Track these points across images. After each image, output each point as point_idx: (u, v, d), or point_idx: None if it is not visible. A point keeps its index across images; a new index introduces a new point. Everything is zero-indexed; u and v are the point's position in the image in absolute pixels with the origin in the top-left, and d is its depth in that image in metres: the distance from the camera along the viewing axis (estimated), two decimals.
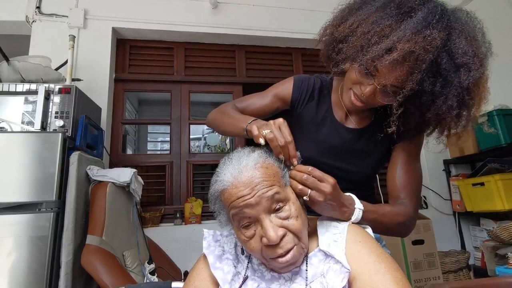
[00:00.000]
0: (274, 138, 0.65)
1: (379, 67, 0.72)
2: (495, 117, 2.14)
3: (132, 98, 4.25)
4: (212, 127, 1.01)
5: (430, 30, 0.68)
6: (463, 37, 0.71)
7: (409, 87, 0.70)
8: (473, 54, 0.70)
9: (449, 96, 0.71)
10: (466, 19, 0.75)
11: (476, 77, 0.71)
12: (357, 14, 0.79)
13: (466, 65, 0.70)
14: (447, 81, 0.71)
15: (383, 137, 0.83)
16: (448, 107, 0.72)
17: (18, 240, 1.33)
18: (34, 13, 2.25)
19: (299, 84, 0.97)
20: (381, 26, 0.72)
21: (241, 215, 0.61)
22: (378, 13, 0.74)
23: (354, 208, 0.70)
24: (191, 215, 2.21)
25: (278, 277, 0.65)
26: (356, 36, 0.75)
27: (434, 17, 0.70)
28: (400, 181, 0.85)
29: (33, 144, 1.43)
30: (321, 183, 0.65)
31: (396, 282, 0.57)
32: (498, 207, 2.07)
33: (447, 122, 0.76)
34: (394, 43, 0.69)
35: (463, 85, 0.70)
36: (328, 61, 0.90)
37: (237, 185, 0.61)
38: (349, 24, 0.79)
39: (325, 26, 0.89)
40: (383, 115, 0.85)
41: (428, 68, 0.70)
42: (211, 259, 0.69)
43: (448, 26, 0.71)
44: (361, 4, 0.80)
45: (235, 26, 2.58)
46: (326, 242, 0.65)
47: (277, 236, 0.58)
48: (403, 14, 0.71)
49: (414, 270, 2.00)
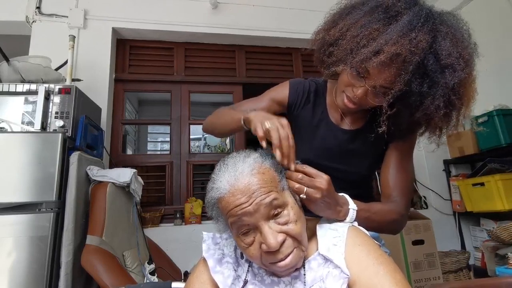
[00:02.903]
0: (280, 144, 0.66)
1: (369, 69, 0.75)
2: (495, 117, 2.14)
3: (132, 98, 4.25)
4: (209, 131, 1.03)
5: (416, 32, 0.71)
6: (448, 39, 0.73)
7: (398, 88, 0.73)
8: (458, 55, 0.72)
9: (436, 96, 0.74)
10: (452, 22, 0.77)
11: (462, 77, 0.73)
12: (347, 18, 0.81)
13: (451, 66, 0.72)
14: (433, 82, 0.73)
15: (377, 137, 0.85)
16: (435, 107, 0.74)
17: (18, 240, 1.33)
18: (34, 13, 2.25)
19: (295, 87, 0.98)
20: (369, 30, 0.74)
21: (239, 223, 0.60)
22: (367, 17, 0.77)
23: (348, 209, 0.72)
24: (191, 215, 2.21)
25: (277, 282, 0.65)
26: (346, 40, 0.78)
27: (419, 20, 0.72)
28: (392, 180, 0.88)
29: (33, 144, 1.43)
30: (316, 179, 0.66)
31: (396, 283, 0.56)
32: (498, 207, 2.07)
33: (436, 121, 0.79)
34: (382, 45, 0.71)
35: (449, 85, 0.73)
36: (321, 64, 0.92)
37: (234, 193, 0.60)
38: (339, 28, 0.81)
39: (317, 30, 0.91)
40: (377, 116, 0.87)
41: (415, 69, 0.72)
42: (211, 263, 0.68)
43: (433, 29, 0.73)
44: (351, 9, 0.83)
45: (235, 26, 2.58)
46: (325, 246, 0.65)
47: (277, 242, 0.58)
48: (390, 18, 0.74)
49: (414, 270, 2.00)
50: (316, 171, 0.68)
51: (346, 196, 0.74)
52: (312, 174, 0.67)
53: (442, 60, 0.72)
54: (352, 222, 0.72)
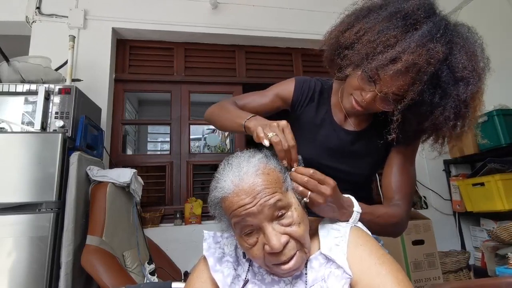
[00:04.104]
0: (280, 142, 0.66)
1: (382, 75, 0.74)
2: (495, 117, 2.14)
3: (132, 98, 4.25)
4: (210, 122, 1.02)
5: (434, 43, 0.71)
6: (464, 52, 0.73)
7: (410, 97, 0.73)
8: (472, 69, 0.73)
9: (446, 108, 0.74)
10: (467, 34, 0.77)
11: (474, 91, 0.74)
12: (364, 21, 0.81)
13: (465, 79, 0.73)
14: (446, 93, 0.74)
15: (380, 140, 0.85)
16: (445, 118, 0.75)
17: (18, 240, 1.32)
18: (34, 14, 2.25)
19: (301, 85, 0.98)
20: (386, 36, 0.74)
21: (243, 224, 0.60)
22: (384, 22, 0.76)
23: (353, 211, 0.71)
24: (191, 215, 2.21)
25: (278, 281, 0.65)
26: (362, 44, 0.77)
27: (438, 31, 0.72)
28: (395, 183, 0.88)
29: (33, 144, 1.43)
30: (321, 185, 0.65)
31: (398, 283, 0.56)
32: (498, 207, 2.07)
33: (443, 131, 0.79)
34: (399, 53, 0.71)
35: (461, 98, 0.73)
36: (331, 65, 0.92)
37: (238, 193, 0.60)
38: (356, 31, 0.81)
39: (330, 30, 0.91)
40: (381, 118, 0.87)
41: (429, 79, 0.72)
42: (211, 262, 0.68)
43: (450, 41, 0.73)
44: (368, 12, 0.82)
45: (235, 26, 2.58)
46: (327, 245, 0.65)
47: (280, 244, 0.58)
48: (409, 26, 0.74)
49: (414, 270, 2.00)
50: (324, 176, 0.67)
51: (352, 198, 0.74)
52: (320, 180, 0.66)
53: (457, 72, 0.73)
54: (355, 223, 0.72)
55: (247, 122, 0.77)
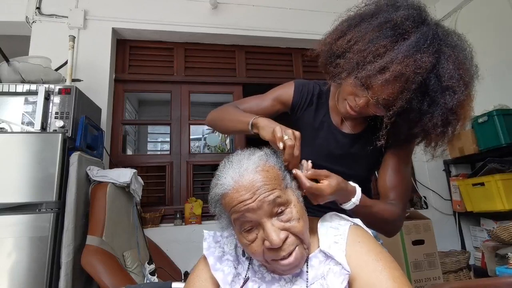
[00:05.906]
0: (293, 146, 0.68)
1: (372, 83, 0.77)
2: (495, 117, 2.14)
3: (132, 98, 4.25)
4: (212, 125, 1.04)
5: (421, 54, 0.73)
6: (451, 62, 0.75)
7: (399, 104, 0.76)
8: (459, 78, 0.75)
9: (434, 115, 0.77)
10: (456, 43, 0.79)
11: (461, 100, 0.76)
12: (355, 30, 0.83)
13: (452, 88, 0.75)
14: (433, 101, 0.76)
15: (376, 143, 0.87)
16: (433, 124, 0.78)
17: (18, 240, 1.32)
18: (34, 14, 2.25)
19: (300, 89, 1.00)
20: (376, 46, 0.76)
21: (242, 220, 0.61)
22: (375, 32, 0.78)
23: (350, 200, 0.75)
24: (191, 215, 2.21)
25: (278, 279, 0.66)
26: (353, 53, 0.80)
27: (426, 42, 0.74)
28: (390, 182, 0.91)
29: (33, 144, 1.43)
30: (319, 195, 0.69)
31: (394, 280, 0.57)
32: (498, 207, 2.07)
33: (432, 137, 0.82)
34: (387, 63, 0.73)
35: (448, 106, 0.75)
36: (325, 71, 0.94)
37: (238, 189, 0.61)
38: (347, 40, 0.83)
39: (324, 37, 0.93)
40: (377, 122, 0.90)
41: (417, 88, 0.75)
42: (211, 261, 0.69)
43: (438, 50, 0.75)
44: (360, 21, 0.84)
45: (235, 27, 2.58)
46: (327, 243, 0.65)
47: (279, 239, 0.59)
48: (397, 36, 0.76)
49: (414, 270, 2.00)
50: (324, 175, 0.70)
51: (357, 188, 0.76)
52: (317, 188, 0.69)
53: (444, 82, 0.75)
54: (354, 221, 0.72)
55: (256, 120, 0.80)
